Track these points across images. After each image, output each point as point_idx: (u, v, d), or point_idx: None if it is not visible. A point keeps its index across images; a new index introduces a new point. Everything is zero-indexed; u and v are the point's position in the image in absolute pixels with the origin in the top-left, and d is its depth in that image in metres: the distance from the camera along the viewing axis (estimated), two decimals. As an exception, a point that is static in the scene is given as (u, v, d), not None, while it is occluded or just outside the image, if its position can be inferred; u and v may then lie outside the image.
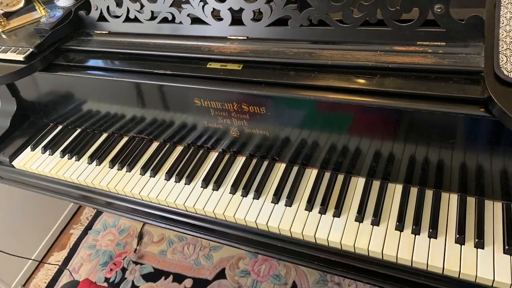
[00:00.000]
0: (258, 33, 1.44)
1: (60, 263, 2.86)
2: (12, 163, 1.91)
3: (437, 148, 1.24)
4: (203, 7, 1.48)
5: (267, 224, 1.39)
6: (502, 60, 1.06)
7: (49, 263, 2.87)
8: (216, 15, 1.48)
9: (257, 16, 1.42)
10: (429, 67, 1.19)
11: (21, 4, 1.92)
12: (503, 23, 1.16)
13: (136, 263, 2.73)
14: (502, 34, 1.13)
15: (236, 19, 1.46)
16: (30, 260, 2.82)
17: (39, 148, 1.92)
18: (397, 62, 1.23)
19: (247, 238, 1.47)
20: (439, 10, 1.18)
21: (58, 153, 1.86)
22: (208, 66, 1.46)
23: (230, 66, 1.43)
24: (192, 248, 2.74)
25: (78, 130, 1.95)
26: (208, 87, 1.44)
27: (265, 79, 1.35)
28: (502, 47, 1.09)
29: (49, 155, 1.87)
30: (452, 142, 1.20)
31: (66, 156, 1.83)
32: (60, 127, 2.00)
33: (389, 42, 1.28)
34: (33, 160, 1.87)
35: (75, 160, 1.81)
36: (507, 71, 1.04)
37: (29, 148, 1.94)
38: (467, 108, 1.11)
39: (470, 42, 1.20)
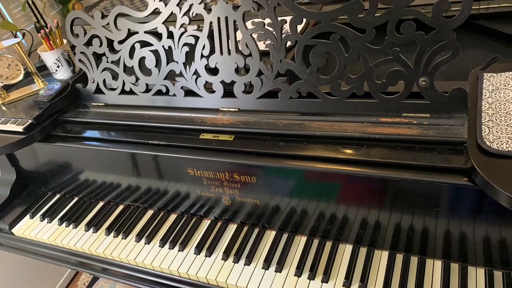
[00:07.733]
0: (249, 105, 1.48)
1: (58, 329, 2.83)
2: (11, 230, 1.92)
3: (421, 216, 1.26)
4: (196, 80, 1.52)
5: (257, 290, 1.40)
6: (485, 131, 1.09)
7: (47, 329, 2.84)
8: (208, 87, 1.52)
9: (248, 89, 1.46)
10: (414, 138, 1.22)
11: (21, 77, 1.97)
12: (485, 95, 1.20)
13: (132, 328, 2.70)
14: (485, 106, 1.16)
15: (228, 92, 1.49)
16: (28, 327, 2.79)
17: (37, 216, 1.93)
18: (383, 133, 1.25)
19: (238, 303, 1.47)
20: (424, 83, 1.22)
21: (56, 220, 1.87)
22: (201, 137, 1.49)
23: (222, 137, 1.46)
24: (186, 313, 2.70)
25: (76, 199, 1.97)
26: (201, 157, 1.46)
27: (256, 149, 1.38)
28: (485, 119, 1.13)
29: (47, 222, 1.88)
30: (436, 210, 1.22)
31: (64, 224, 1.84)
32: (58, 196, 2.01)
33: (376, 113, 1.31)
34: (32, 228, 1.89)
35: (73, 228, 1.82)
36: (489, 142, 1.06)
37: (28, 216, 1.95)
38: (451, 177, 1.13)
39: (454, 114, 1.22)
